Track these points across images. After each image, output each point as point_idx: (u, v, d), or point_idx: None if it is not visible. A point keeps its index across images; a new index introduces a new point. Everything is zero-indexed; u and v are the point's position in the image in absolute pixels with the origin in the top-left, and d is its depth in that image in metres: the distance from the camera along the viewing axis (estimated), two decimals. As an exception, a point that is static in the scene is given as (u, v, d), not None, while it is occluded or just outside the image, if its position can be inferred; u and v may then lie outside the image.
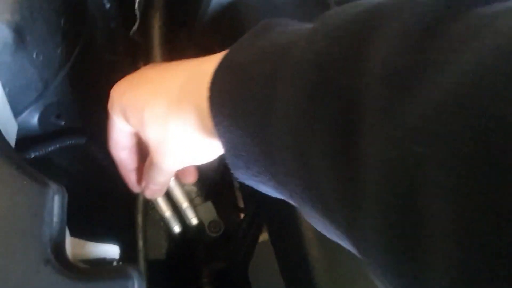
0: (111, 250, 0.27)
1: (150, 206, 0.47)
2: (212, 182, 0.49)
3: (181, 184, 0.44)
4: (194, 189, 0.46)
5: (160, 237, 0.49)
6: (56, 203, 0.18)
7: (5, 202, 0.18)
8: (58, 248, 0.18)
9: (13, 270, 0.17)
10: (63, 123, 0.34)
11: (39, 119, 0.33)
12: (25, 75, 0.30)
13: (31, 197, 0.18)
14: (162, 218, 0.45)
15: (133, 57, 0.51)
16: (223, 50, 0.25)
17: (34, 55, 0.29)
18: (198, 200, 0.46)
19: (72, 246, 0.24)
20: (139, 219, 0.42)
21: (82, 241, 0.26)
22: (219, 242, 0.45)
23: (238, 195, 0.51)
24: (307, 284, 0.28)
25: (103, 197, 0.43)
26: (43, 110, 0.33)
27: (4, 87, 0.26)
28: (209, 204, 0.46)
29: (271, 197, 0.24)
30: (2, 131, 0.23)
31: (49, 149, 0.32)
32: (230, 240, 0.44)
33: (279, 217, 0.35)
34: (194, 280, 0.49)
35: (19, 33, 0.27)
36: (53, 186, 0.19)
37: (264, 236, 0.39)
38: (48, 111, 0.33)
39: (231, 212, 0.49)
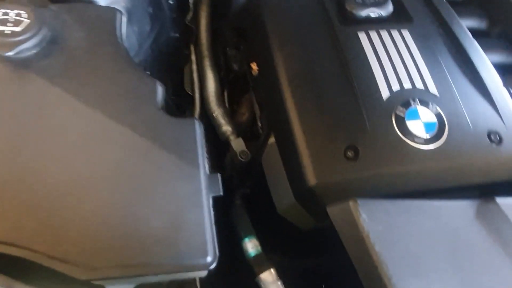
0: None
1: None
2: (242, 127, 0.67)
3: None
4: (229, 129, 0.65)
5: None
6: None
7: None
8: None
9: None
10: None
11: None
12: (129, 40, 0.50)
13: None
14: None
15: (188, 36, 0.71)
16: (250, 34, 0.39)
17: (135, 28, 0.50)
18: (232, 137, 0.65)
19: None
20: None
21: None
22: (248, 166, 0.63)
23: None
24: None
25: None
26: (137, 63, 0.53)
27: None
28: (240, 140, 0.64)
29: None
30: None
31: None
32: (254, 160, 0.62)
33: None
34: (228, 202, 0.67)
35: (129, 13, 0.47)
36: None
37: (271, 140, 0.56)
38: (139, 64, 0.54)
39: (255, 143, 0.67)
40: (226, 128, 0.65)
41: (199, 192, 0.32)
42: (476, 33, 0.58)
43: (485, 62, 0.51)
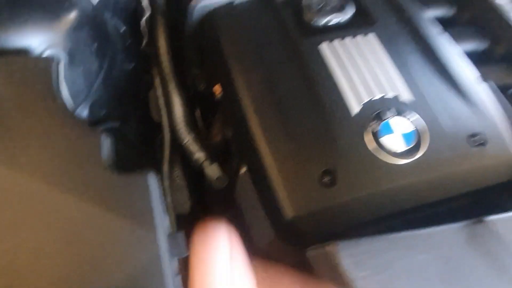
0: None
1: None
2: (216, 150, 0.63)
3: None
4: (202, 155, 0.61)
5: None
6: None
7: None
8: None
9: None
10: (103, 113, 0.50)
11: (88, 113, 0.49)
12: (76, 83, 0.46)
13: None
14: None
15: (146, 63, 0.67)
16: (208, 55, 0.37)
17: (81, 69, 0.46)
18: (206, 163, 0.61)
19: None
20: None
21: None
22: (226, 191, 0.60)
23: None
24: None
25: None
26: (89, 106, 0.49)
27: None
28: (215, 165, 0.61)
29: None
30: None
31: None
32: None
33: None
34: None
35: (71, 55, 0.43)
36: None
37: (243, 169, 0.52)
38: (93, 107, 0.50)
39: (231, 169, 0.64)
40: (199, 155, 0.62)
41: (158, 259, 0.29)
42: (446, 21, 0.56)
43: (458, 57, 0.48)
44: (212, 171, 0.61)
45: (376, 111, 0.42)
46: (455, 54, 0.48)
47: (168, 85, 0.69)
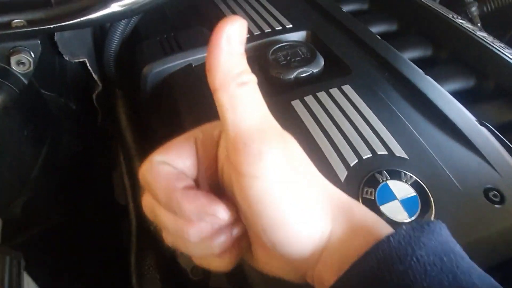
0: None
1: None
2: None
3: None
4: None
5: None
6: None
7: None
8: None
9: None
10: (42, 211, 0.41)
11: (22, 211, 0.40)
12: (2, 178, 0.38)
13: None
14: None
15: (104, 142, 0.60)
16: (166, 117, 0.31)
17: (8, 161, 0.38)
18: (179, 251, 0.52)
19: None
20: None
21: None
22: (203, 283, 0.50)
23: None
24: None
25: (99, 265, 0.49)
26: (24, 203, 0.41)
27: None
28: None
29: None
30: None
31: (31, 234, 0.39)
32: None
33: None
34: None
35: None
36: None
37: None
38: (29, 203, 0.41)
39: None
40: (169, 241, 0.53)
41: None
42: (425, 62, 0.51)
43: (449, 101, 0.42)
44: (187, 259, 0.52)
45: (368, 174, 0.34)
46: (445, 97, 0.42)
47: (133, 161, 0.62)
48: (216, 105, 0.21)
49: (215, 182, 0.25)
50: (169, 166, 0.23)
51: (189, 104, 0.45)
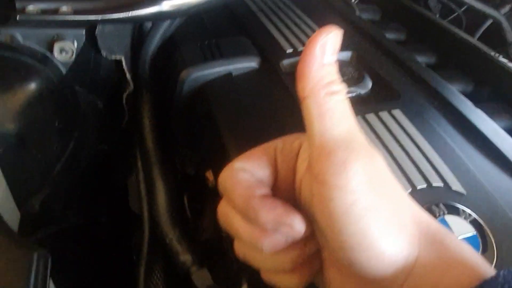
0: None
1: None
2: (206, 249, 0.51)
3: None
4: (189, 258, 0.49)
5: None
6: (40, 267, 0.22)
7: None
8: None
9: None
10: (60, 208, 0.39)
11: (40, 207, 0.38)
12: (26, 170, 0.35)
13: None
14: None
15: (125, 144, 0.58)
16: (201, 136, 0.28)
17: (34, 152, 0.35)
18: (194, 268, 0.49)
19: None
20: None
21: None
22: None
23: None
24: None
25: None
26: (44, 199, 0.38)
27: (7, 180, 0.31)
28: (204, 270, 0.48)
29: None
30: (4, 217, 0.28)
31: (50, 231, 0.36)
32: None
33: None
34: None
35: (21, 138, 0.33)
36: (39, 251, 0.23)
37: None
38: (47, 200, 0.38)
39: (227, 276, 0.51)
40: (184, 257, 0.49)
41: None
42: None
43: (501, 134, 0.40)
44: (201, 277, 0.49)
45: (423, 206, 0.32)
46: (498, 132, 0.40)
47: (151, 169, 0.59)
48: (303, 113, 0.21)
49: (290, 195, 0.23)
50: (249, 174, 0.22)
51: (226, 113, 0.43)
